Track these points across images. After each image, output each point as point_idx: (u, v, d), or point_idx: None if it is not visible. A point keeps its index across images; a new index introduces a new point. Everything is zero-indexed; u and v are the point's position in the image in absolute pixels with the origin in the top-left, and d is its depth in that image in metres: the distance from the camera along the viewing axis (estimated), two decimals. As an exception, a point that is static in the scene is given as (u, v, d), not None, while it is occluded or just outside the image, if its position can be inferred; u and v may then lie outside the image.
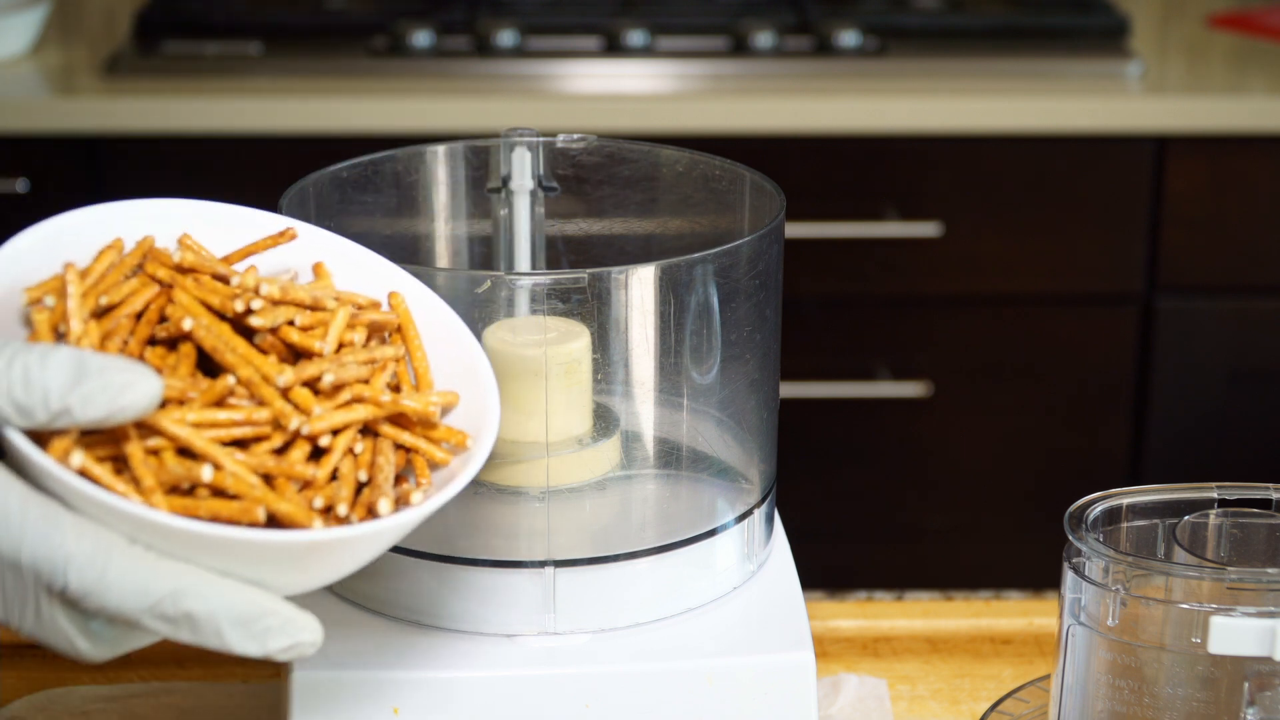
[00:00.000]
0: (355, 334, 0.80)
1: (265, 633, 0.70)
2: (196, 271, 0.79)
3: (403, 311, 0.83)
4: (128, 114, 1.94)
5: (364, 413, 0.77)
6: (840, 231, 2.01)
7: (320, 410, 0.76)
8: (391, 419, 0.79)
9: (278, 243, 0.82)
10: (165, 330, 0.77)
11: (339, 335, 0.79)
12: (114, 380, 0.69)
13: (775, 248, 0.91)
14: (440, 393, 0.80)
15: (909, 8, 2.17)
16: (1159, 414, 2.07)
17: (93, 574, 0.69)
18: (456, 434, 0.79)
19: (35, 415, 0.69)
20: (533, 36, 2.05)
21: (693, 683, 0.87)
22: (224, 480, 0.72)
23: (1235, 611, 0.83)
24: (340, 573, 0.75)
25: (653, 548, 0.89)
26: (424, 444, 0.79)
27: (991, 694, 1.01)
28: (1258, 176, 2.01)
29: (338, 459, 0.76)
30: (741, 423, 0.93)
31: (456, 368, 0.82)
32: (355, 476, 0.76)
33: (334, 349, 0.78)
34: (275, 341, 0.78)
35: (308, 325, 0.78)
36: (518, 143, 0.99)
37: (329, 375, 0.76)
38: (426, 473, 0.79)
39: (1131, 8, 2.24)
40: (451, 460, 0.79)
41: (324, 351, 0.77)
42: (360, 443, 0.77)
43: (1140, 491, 0.91)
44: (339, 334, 0.79)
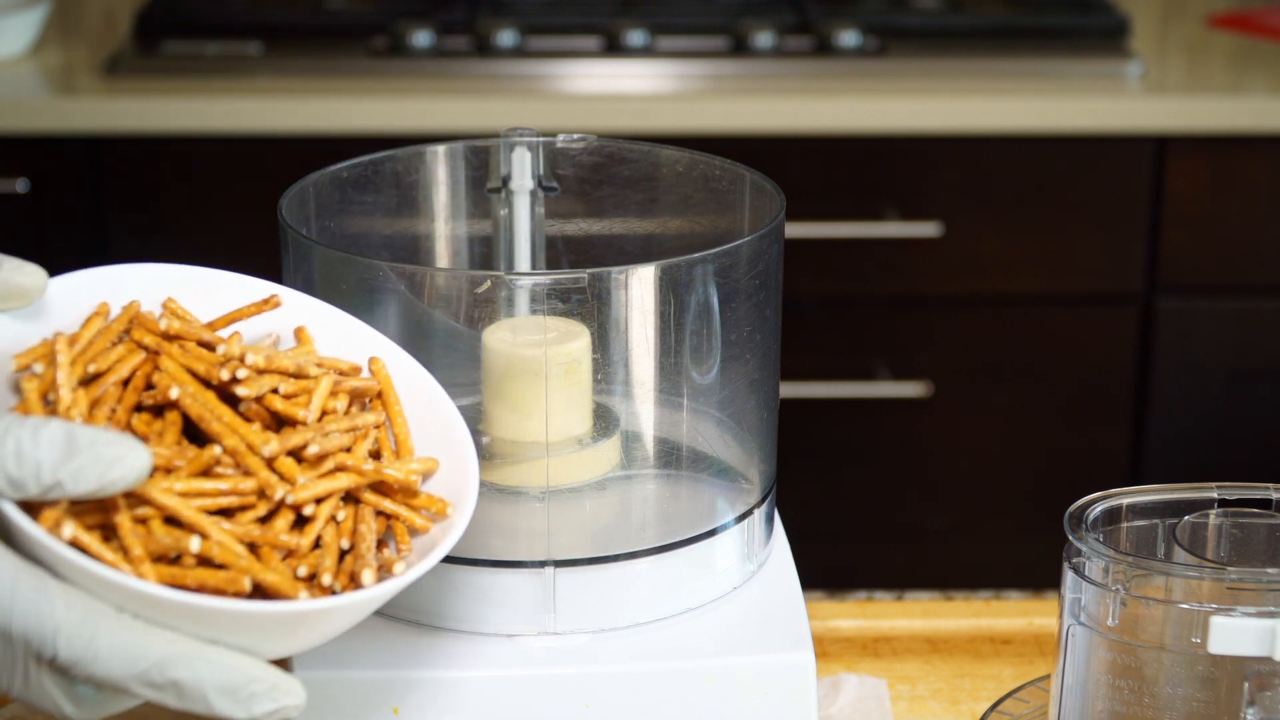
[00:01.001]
0: (337, 401, 0.81)
1: (251, 699, 0.72)
2: (182, 338, 0.80)
3: (383, 377, 0.84)
4: (128, 114, 1.94)
5: (347, 481, 0.78)
6: (840, 231, 2.01)
7: (304, 479, 0.77)
8: (373, 486, 0.80)
9: (262, 310, 0.84)
10: (152, 397, 0.78)
11: (322, 403, 0.80)
12: (104, 454, 0.71)
13: (775, 248, 0.91)
14: (421, 460, 0.82)
15: (909, 8, 2.17)
16: (1159, 414, 2.07)
17: (81, 643, 0.70)
18: (437, 502, 0.80)
19: (28, 489, 0.71)
20: (533, 36, 2.05)
21: (693, 683, 0.87)
22: (211, 550, 0.73)
23: (1235, 611, 0.83)
24: (324, 638, 0.76)
25: (653, 548, 0.89)
26: (405, 511, 0.80)
27: (991, 694, 1.01)
28: (1258, 176, 2.01)
29: (321, 527, 0.77)
30: (741, 423, 0.93)
31: (435, 433, 0.83)
32: (338, 545, 0.77)
33: (317, 417, 0.79)
34: (260, 409, 0.79)
35: (291, 393, 0.80)
36: (518, 143, 0.99)
37: (313, 446, 0.77)
38: (407, 539, 0.80)
39: (1131, 8, 2.24)
40: (431, 527, 0.80)
41: (307, 420, 0.79)
42: (343, 510, 0.78)
43: (1140, 491, 0.91)
44: (322, 402, 0.80)
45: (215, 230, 1.99)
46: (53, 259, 2.04)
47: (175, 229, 1.98)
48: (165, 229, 1.98)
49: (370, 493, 0.80)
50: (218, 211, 1.98)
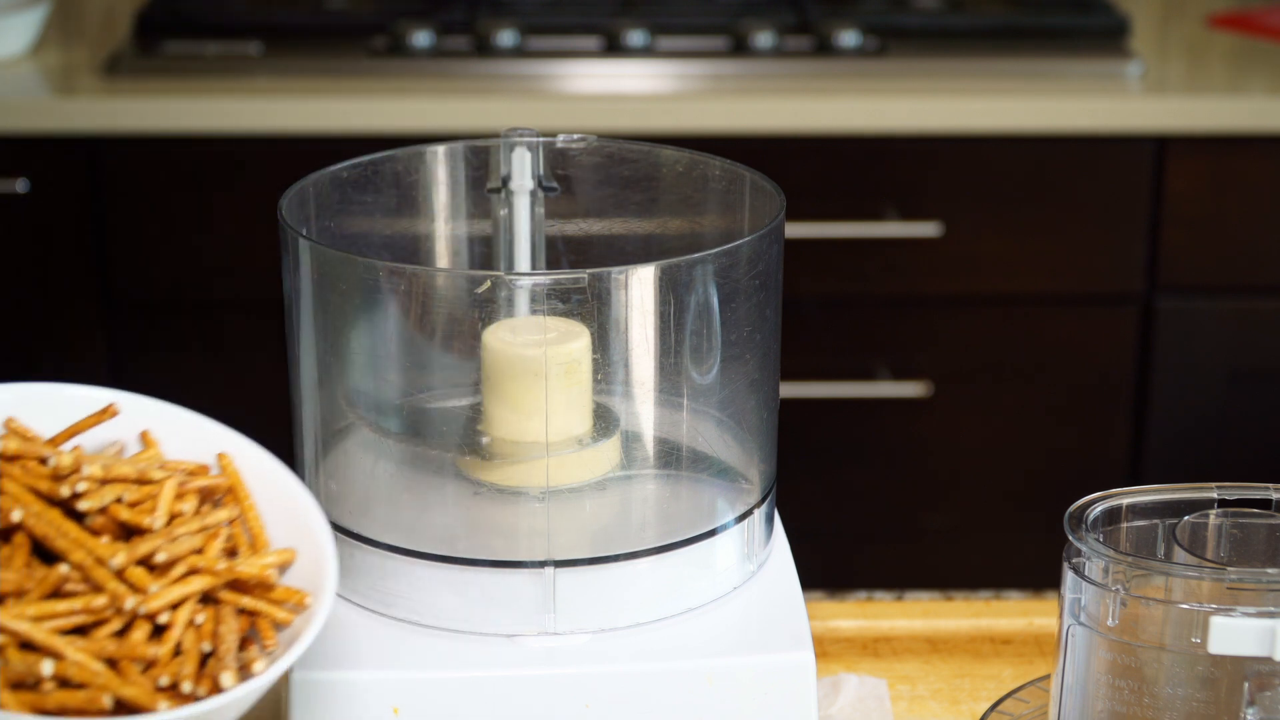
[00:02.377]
0: (186, 503, 0.81)
1: None
2: (22, 457, 0.80)
3: (232, 473, 0.84)
4: (128, 114, 1.94)
5: (201, 584, 0.78)
6: (840, 231, 2.01)
7: (156, 588, 0.77)
8: (231, 584, 0.80)
9: (100, 420, 0.83)
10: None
11: (169, 507, 0.80)
12: None
13: (775, 248, 0.91)
14: (277, 551, 0.81)
15: (909, 8, 2.17)
16: (1159, 414, 2.07)
17: None
18: (295, 593, 0.80)
19: None
20: (533, 36, 2.05)
21: (693, 683, 0.87)
22: (67, 670, 0.73)
23: (1235, 611, 0.83)
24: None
25: (653, 548, 0.89)
26: (265, 606, 0.80)
27: (991, 694, 1.01)
28: (1258, 176, 2.01)
29: (179, 634, 0.77)
30: (741, 423, 0.93)
31: (292, 523, 0.83)
32: (199, 649, 0.77)
33: (165, 522, 0.79)
34: (107, 521, 0.78)
35: (136, 500, 0.79)
36: (518, 143, 0.99)
37: (161, 553, 0.77)
38: (272, 634, 0.80)
39: (1131, 8, 2.24)
40: (294, 619, 0.80)
41: (155, 526, 0.78)
42: (202, 613, 0.78)
43: (1140, 491, 0.91)
44: (169, 506, 0.80)
45: (215, 230, 1.99)
46: (53, 259, 2.04)
47: (175, 229, 1.98)
48: (165, 229, 1.98)
49: (228, 591, 0.79)
50: (218, 211, 1.98)
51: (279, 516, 0.83)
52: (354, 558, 0.89)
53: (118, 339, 2.00)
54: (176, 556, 0.78)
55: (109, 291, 1.99)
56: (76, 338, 2.00)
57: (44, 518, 0.77)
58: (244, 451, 0.85)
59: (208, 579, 0.78)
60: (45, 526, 0.77)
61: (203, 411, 0.88)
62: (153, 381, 2.01)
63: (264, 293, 1.69)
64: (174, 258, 1.99)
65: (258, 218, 1.96)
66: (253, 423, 2.16)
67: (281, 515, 0.83)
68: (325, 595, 0.80)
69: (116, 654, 0.75)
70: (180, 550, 0.78)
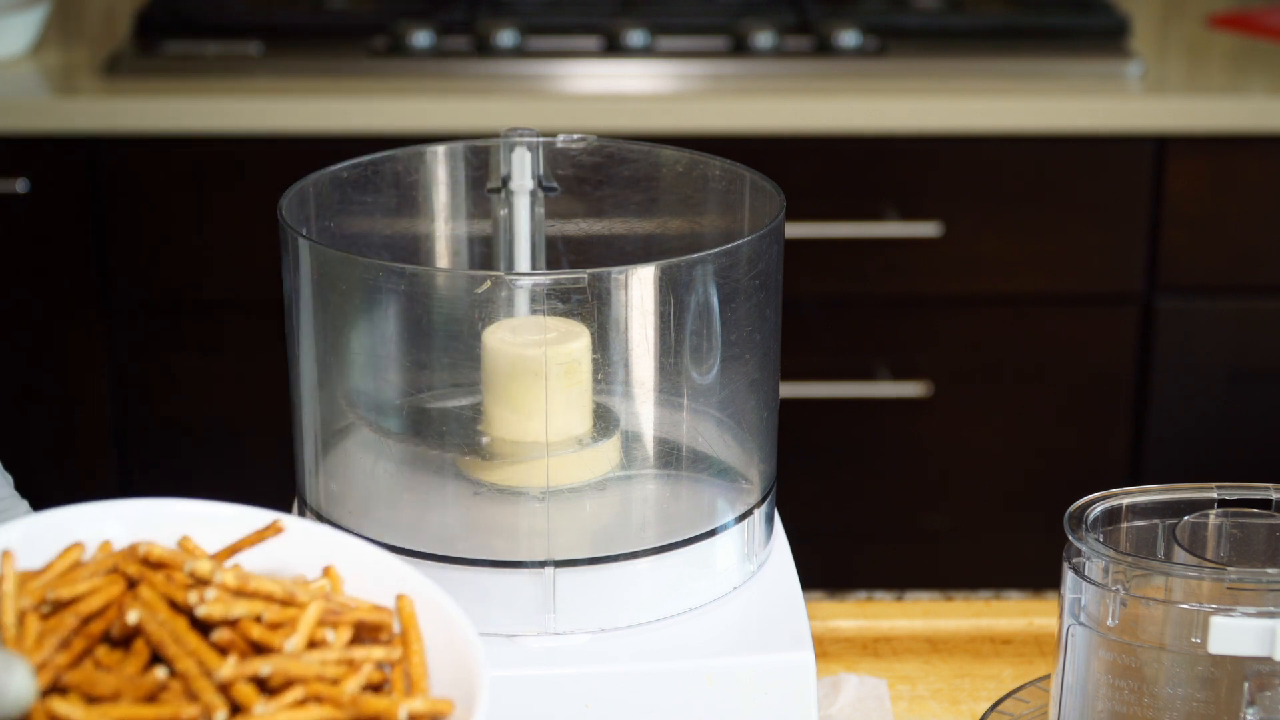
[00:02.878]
0: (332, 631, 0.74)
1: None
2: (167, 567, 0.75)
3: (408, 616, 0.76)
4: (128, 114, 1.94)
5: (318, 713, 0.70)
6: (840, 231, 2.01)
7: (262, 708, 0.70)
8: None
9: (263, 537, 0.78)
10: (119, 628, 0.73)
11: (309, 633, 0.73)
12: None
13: (775, 248, 0.91)
14: (429, 700, 0.73)
15: (909, 8, 2.17)
16: (1159, 414, 2.07)
17: None
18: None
19: None
20: (533, 36, 2.05)
21: (693, 683, 0.87)
22: None
23: (1235, 611, 0.83)
24: None
25: (653, 548, 0.89)
26: None
27: (991, 694, 1.01)
28: (1258, 176, 2.01)
29: None
30: (741, 423, 0.93)
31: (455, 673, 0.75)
32: None
33: (301, 647, 0.73)
34: (236, 638, 0.72)
35: (276, 622, 0.73)
36: (518, 143, 0.99)
37: (267, 666, 0.70)
38: None
39: (1131, 8, 2.24)
40: None
41: (287, 649, 0.72)
42: None
43: (1140, 491, 0.91)
44: (309, 632, 0.73)
45: (215, 230, 1.99)
46: (53, 259, 2.04)
47: (175, 229, 1.98)
48: (165, 229, 1.98)
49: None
50: (218, 211, 1.98)
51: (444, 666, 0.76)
52: (354, 558, 0.89)
53: (118, 339, 2.00)
54: (292, 677, 0.71)
55: (109, 291, 1.99)
56: (76, 338, 2.00)
57: (166, 626, 0.72)
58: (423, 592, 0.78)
59: (328, 710, 0.71)
60: (161, 632, 0.71)
61: (204, 410, 0.88)
62: (153, 381, 2.01)
63: (264, 293, 1.69)
64: (174, 258, 1.99)
65: (258, 218, 1.96)
66: (252, 423, 2.16)
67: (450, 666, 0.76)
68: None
69: None
70: (300, 672, 0.71)
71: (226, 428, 2.01)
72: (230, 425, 2.01)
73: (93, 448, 2.02)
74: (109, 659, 0.73)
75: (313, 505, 0.92)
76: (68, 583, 0.74)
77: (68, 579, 0.75)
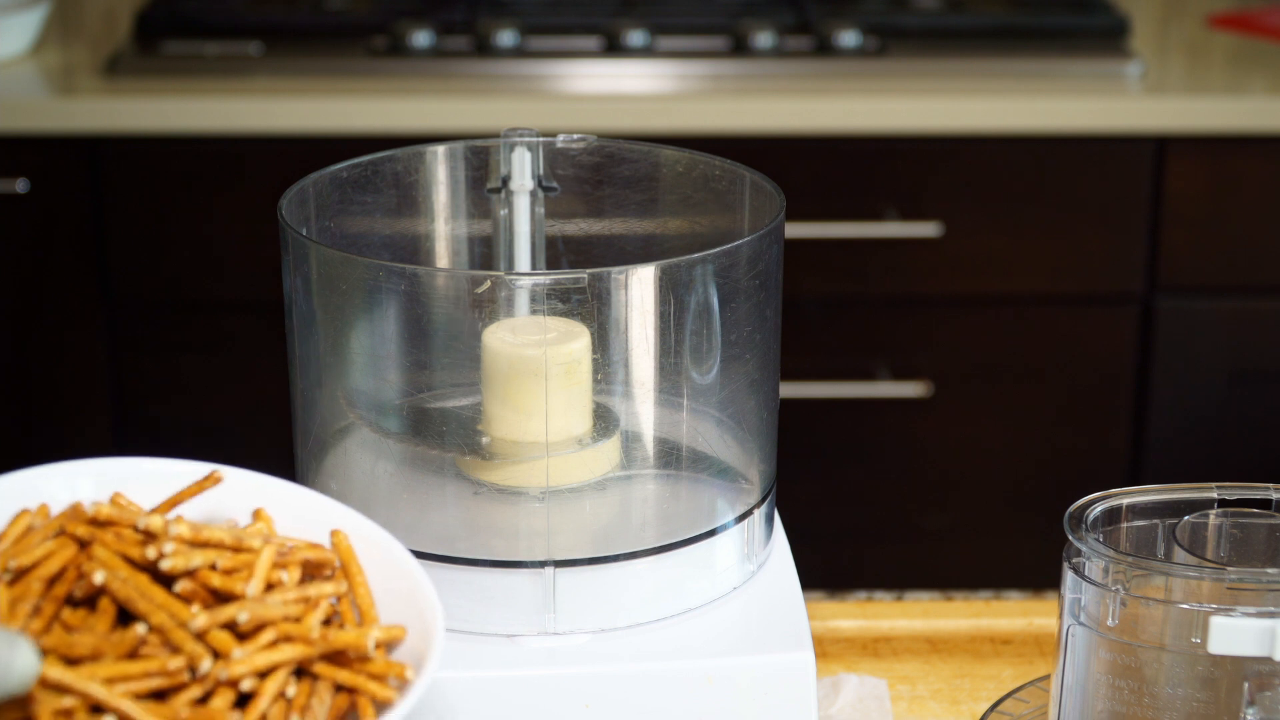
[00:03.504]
0: (285, 573, 0.77)
1: None
2: (115, 524, 0.77)
3: (345, 549, 0.80)
4: (128, 114, 1.94)
5: (292, 652, 0.74)
6: (840, 231, 2.01)
7: (241, 653, 0.72)
8: (328, 658, 0.75)
9: (204, 488, 0.81)
10: (83, 589, 0.75)
11: (266, 576, 0.76)
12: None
13: (775, 248, 0.91)
14: (385, 627, 0.77)
15: (909, 8, 2.17)
16: (1159, 414, 2.07)
17: None
18: (396, 667, 0.76)
19: None
20: (533, 36, 2.05)
21: (693, 683, 0.87)
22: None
23: (1235, 611, 0.83)
24: None
25: (653, 548, 0.89)
26: (364, 681, 0.75)
27: (991, 694, 1.01)
28: (1258, 176, 2.01)
29: (266, 705, 0.73)
30: (741, 423, 0.93)
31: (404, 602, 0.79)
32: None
33: (260, 590, 0.75)
34: (197, 588, 0.75)
35: (231, 568, 0.76)
36: (518, 143, 0.99)
37: (243, 613, 0.73)
38: (371, 712, 0.75)
39: (1131, 8, 2.24)
40: (395, 697, 0.75)
41: (248, 593, 0.75)
42: (294, 685, 0.74)
43: (1140, 491, 0.91)
44: (265, 574, 0.76)
45: (215, 230, 1.99)
46: (53, 259, 2.04)
47: (175, 229, 1.98)
48: (165, 229, 1.98)
49: (325, 665, 0.75)
50: (218, 211, 1.98)
51: (392, 595, 0.79)
52: (354, 558, 0.89)
53: (118, 339, 2.00)
54: (264, 620, 0.74)
55: (109, 291, 1.99)
56: (76, 338, 2.00)
57: (129, 582, 0.74)
58: (358, 527, 0.82)
59: (300, 647, 0.74)
60: (128, 590, 0.74)
61: (204, 410, 0.88)
62: (153, 381, 2.01)
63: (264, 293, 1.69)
64: (174, 258, 1.99)
65: (258, 218, 1.96)
66: (253, 423, 2.16)
67: (394, 594, 0.79)
68: (427, 668, 0.75)
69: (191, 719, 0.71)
70: (269, 614, 0.74)
71: (227, 427, 2.01)
72: (230, 425, 2.01)
73: (93, 447, 2.02)
74: (74, 620, 0.74)
75: (313, 505, 0.92)
76: (23, 550, 0.76)
77: (22, 545, 0.76)
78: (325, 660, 0.75)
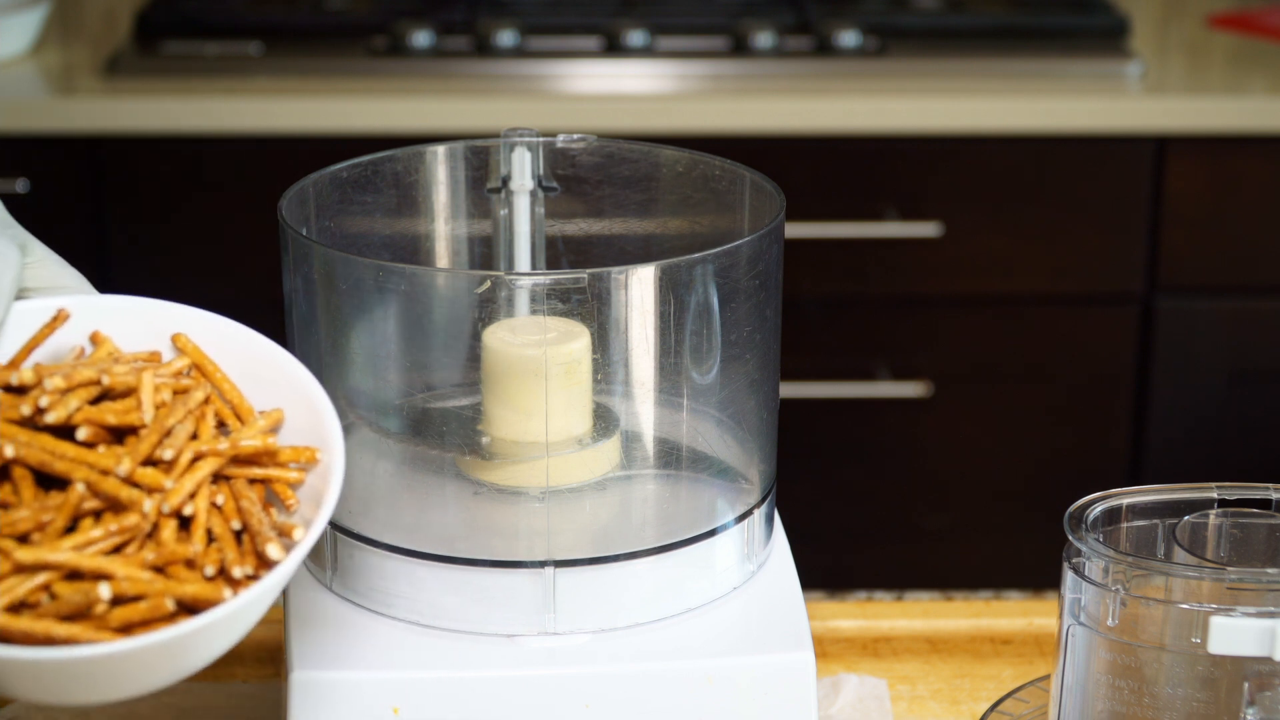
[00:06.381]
0: (164, 393, 0.79)
1: None
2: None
3: (192, 349, 0.82)
4: (128, 114, 1.94)
5: (209, 466, 0.77)
6: (840, 231, 2.01)
7: (171, 483, 0.75)
8: (236, 460, 0.78)
9: (54, 329, 0.82)
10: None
11: (153, 400, 0.78)
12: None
13: (775, 248, 0.91)
14: (265, 414, 0.80)
15: (909, 8, 2.17)
16: (1159, 414, 2.07)
17: None
18: (303, 451, 0.79)
19: None
20: (533, 36, 2.05)
21: (693, 683, 0.87)
22: (122, 587, 0.72)
23: (1235, 611, 0.83)
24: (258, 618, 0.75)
25: (653, 548, 0.89)
26: (275, 471, 0.79)
27: (991, 694, 1.01)
28: (1258, 176, 2.01)
29: (206, 520, 0.76)
30: (741, 423, 0.93)
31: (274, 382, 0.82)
32: (230, 531, 0.76)
33: (154, 416, 0.77)
34: (96, 431, 0.77)
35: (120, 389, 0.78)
36: (518, 143, 0.99)
37: (167, 450, 0.76)
38: (291, 495, 0.79)
39: (1131, 8, 2.24)
40: (307, 476, 0.79)
41: (145, 421, 0.77)
42: (219, 494, 0.77)
43: (1140, 491, 0.91)
44: (152, 399, 0.78)
45: (215, 230, 1.99)
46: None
47: (175, 229, 1.98)
48: (165, 229, 1.98)
49: (234, 467, 0.78)
50: (218, 211, 1.98)
51: (257, 379, 0.82)
52: (354, 558, 0.89)
53: (118, 339, 2.00)
54: (179, 448, 0.76)
55: (109, 291, 1.98)
56: (76, 338, 2.00)
57: (35, 444, 0.75)
58: (204, 325, 0.84)
59: (214, 460, 0.77)
60: (39, 454, 0.75)
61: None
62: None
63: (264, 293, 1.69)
64: (174, 258, 1.99)
65: (258, 218, 1.96)
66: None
67: (260, 377, 0.82)
68: (334, 444, 0.78)
69: (158, 561, 0.73)
70: (179, 441, 0.77)
71: (226, 428, 2.01)
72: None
73: (93, 448, 2.02)
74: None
75: (313, 505, 0.92)
76: None
77: None
78: (235, 462, 0.78)
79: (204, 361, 0.82)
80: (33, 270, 0.84)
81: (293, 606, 0.89)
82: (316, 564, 0.91)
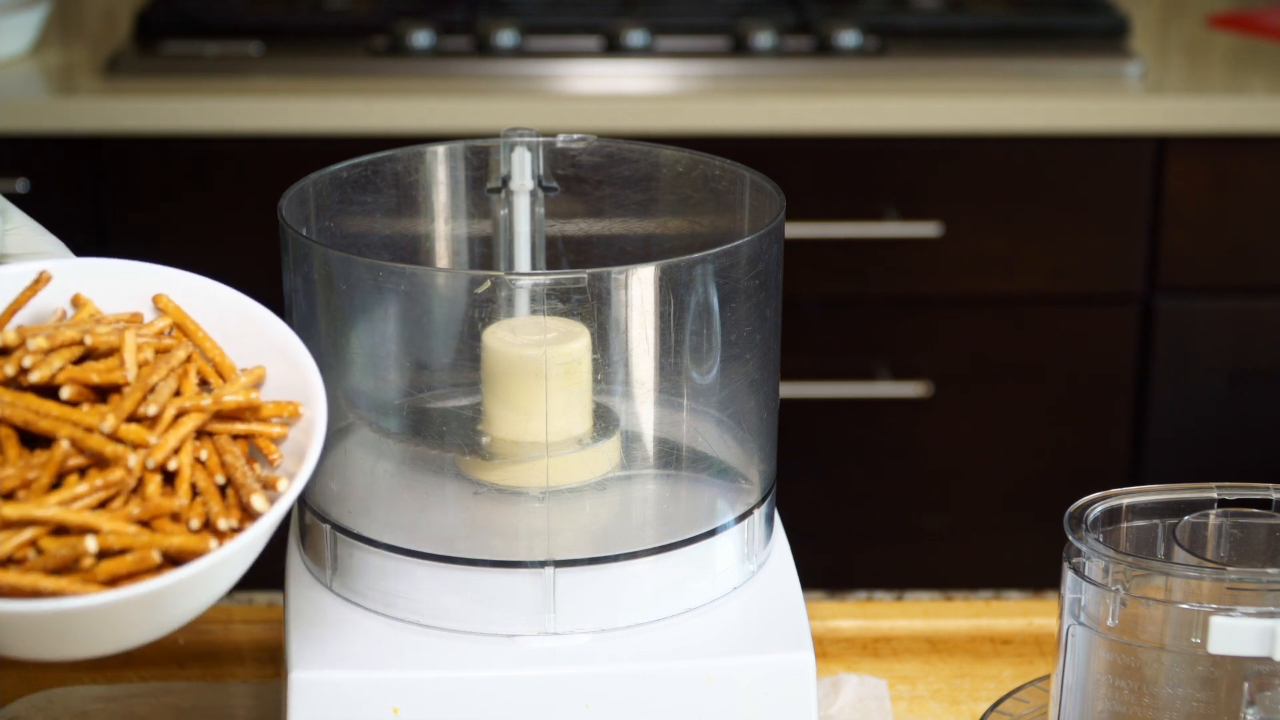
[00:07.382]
0: (146, 352, 0.80)
1: None
2: None
3: (173, 309, 0.83)
4: (128, 114, 1.94)
5: (193, 422, 0.78)
6: (840, 231, 2.01)
7: (155, 439, 0.76)
8: (219, 416, 0.79)
9: (36, 291, 0.82)
10: None
11: (135, 359, 0.79)
12: None
13: (775, 248, 0.91)
14: (247, 371, 0.81)
15: (909, 8, 2.17)
16: (1159, 414, 2.07)
17: None
18: (285, 406, 0.80)
19: None
20: (533, 36, 2.05)
21: (693, 683, 0.87)
22: (109, 541, 0.73)
23: (1235, 611, 0.83)
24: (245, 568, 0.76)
25: (653, 548, 0.89)
26: (258, 426, 0.80)
27: (991, 694, 1.01)
28: (1258, 176, 2.01)
29: (190, 475, 0.77)
30: (741, 423, 0.93)
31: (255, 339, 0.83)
32: (214, 485, 0.77)
33: (137, 374, 0.78)
34: (81, 390, 0.77)
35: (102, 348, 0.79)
36: (518, 143, 0.99)
37: (150, 406, 0.77)
38: (274, 449, 0.80)
39: (1131, 8, 2.24)
40: (289, 431, 0.80)
41: (128, 379, 0.78)
42: (202, 449, 0.78)
43: (1140, 491, 0.91)
44: (135, 358, 0.79)
45: (215, 230, 1.99)
46: (53, 259, 2.01)
47: (175, 229, 1.98)
48: (165, 229, 1.98)
49: (217, 422, 0.79)
50: (218, 211, 1.98)
51: (239, 337, 0.83)
52: (354, 557, 0.89)
53: (118, 339, 2.00)
54: (162, 404, 0.77)
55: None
56: (76, 338, 2.00)
57: (19, 404, 0.76)
58: (184, 285, 0.85)
59: (197, 416, 0.78)
60: (24, 413, 0.76)
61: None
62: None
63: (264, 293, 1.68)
64: (174, 258, 1.99)
65: (258, 218, 1.96)
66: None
67: (242, 335, 0.83)
68: (316, 398, 0.79)
69: (144, 515, 0.74)
70: (163, 397, 0.77)
71: (226, 428, 2.01)
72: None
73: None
74: None
75: (312, 505, 0.92)
76: None
77: None
78: (218, 418, 0.79)
79: (185, 321, 0.83)
80: (12, 236, 0.84)
81: (293, 606, 0.89)
82: (316, 564, 0.91)
